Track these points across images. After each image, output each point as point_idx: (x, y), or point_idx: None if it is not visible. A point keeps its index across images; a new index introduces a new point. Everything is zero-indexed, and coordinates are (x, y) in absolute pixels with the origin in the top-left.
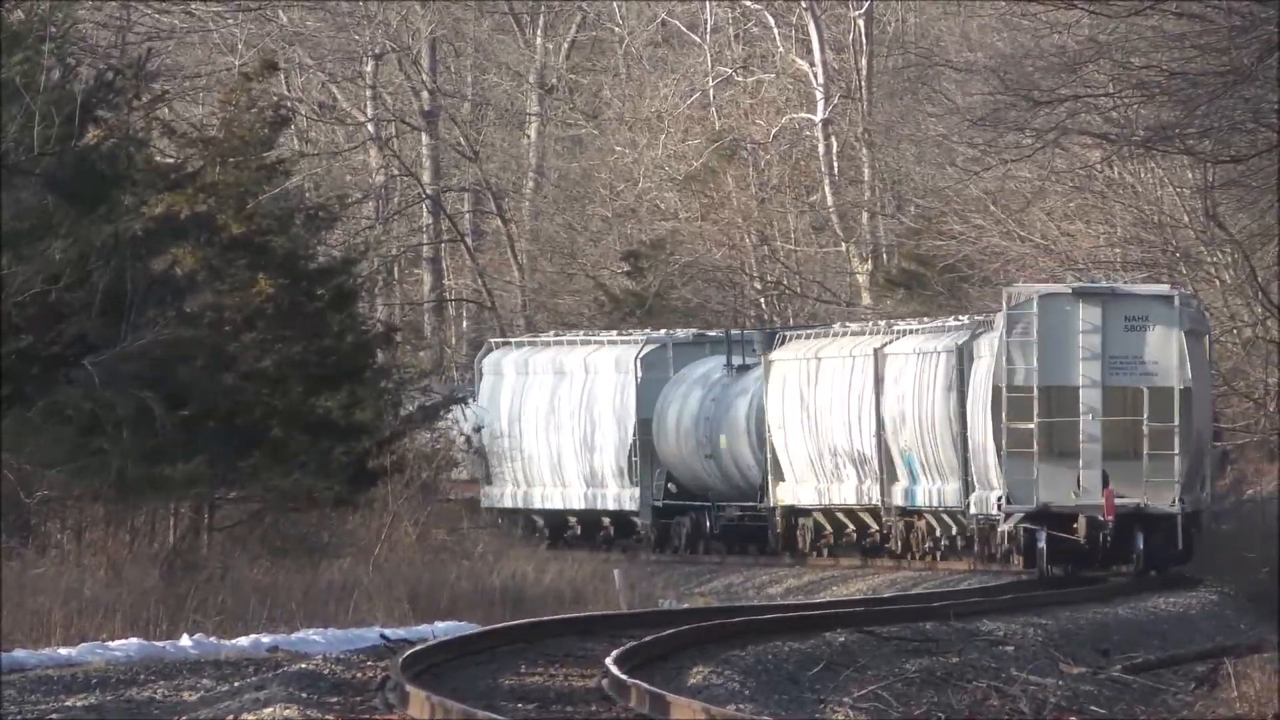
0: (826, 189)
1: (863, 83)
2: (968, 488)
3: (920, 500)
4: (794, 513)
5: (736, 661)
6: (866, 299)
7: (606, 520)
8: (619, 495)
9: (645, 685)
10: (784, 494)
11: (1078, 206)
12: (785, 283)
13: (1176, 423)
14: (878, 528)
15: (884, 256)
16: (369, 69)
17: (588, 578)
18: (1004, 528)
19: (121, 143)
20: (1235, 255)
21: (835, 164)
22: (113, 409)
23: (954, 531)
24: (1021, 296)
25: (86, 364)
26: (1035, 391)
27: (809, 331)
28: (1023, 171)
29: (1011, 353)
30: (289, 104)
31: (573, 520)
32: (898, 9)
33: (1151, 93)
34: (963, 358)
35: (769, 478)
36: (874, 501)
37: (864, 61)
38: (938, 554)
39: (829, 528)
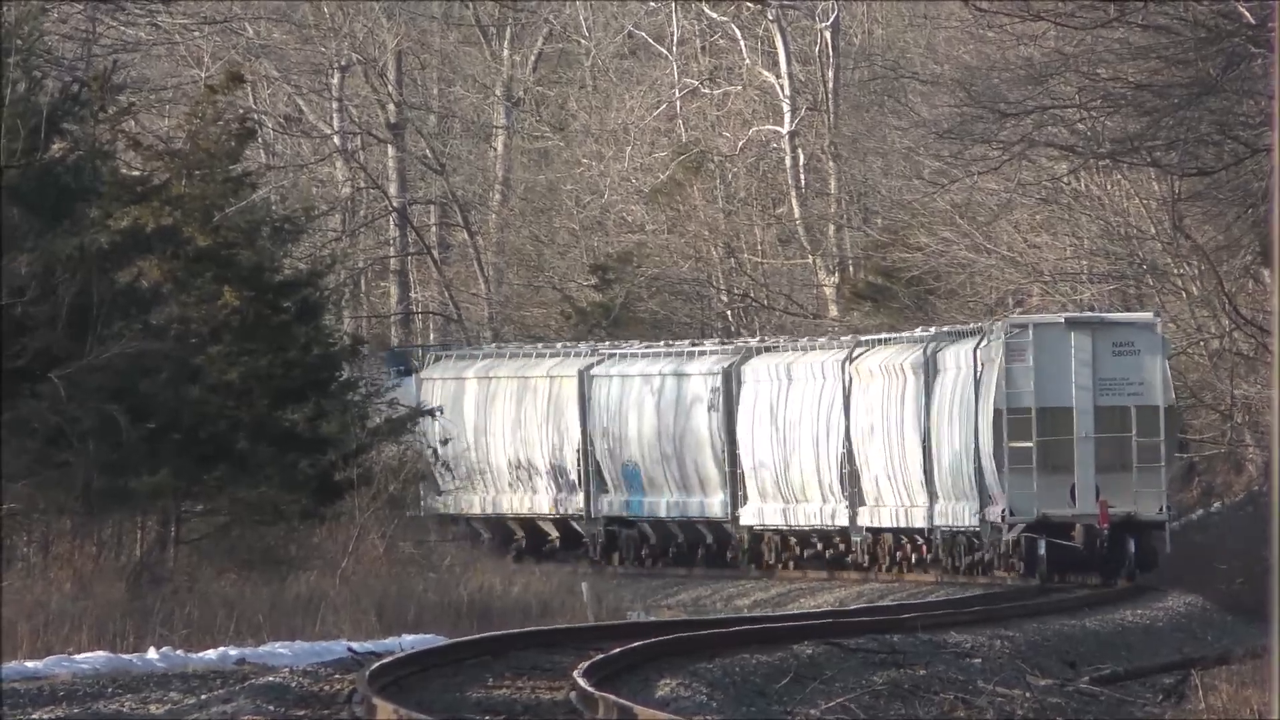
0: (793, 201)
1: (829, 95)
2: (735, 501)
3: (648, 511)
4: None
5: (704, 674)
6: (834, 311)
7: None
8: None
9: (613, 697)
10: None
11: (1044, 219)
12: (752, 295)
13: (1162, 438)
14: (556, 535)
15: (851, 269)
16: (335, 81)
17: (555, 590)
18: (1008, 537)
19: (87, 155)
20: (1202, 267)
21: (802, 176)
22: (78, 422)
23: (679, 539)
24: (1019, 326)
25: (52, 377)
26: (1034, 413)
27: (461, 352)
28: (989, 184)
29: (1012, 378)
30: (255, 117)
31: None
32: (864, 21)
33: (1118, 104)
34: (730, 380)
35: None
36: (571, 510)
37: (830, 74)
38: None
39: (487, 534)
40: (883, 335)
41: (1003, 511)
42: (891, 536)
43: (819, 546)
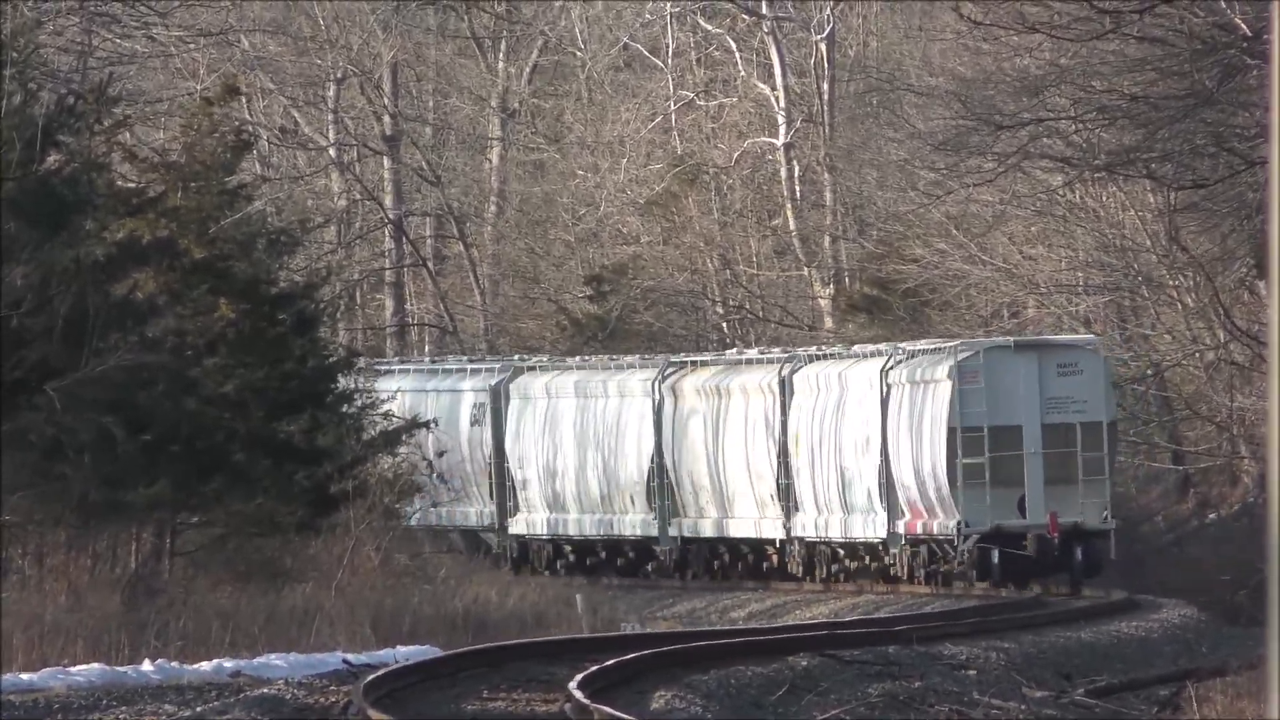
0: (788, 213)
1: (825, 107)
2: (504, 510)
3: (436, 520)
4: None
5: (699, 685)
6: (829, 323)
7: None
8: None
9: (608, 710)
10: None
11: (1040, 230)
12: (747, 307)
13: (1105, 451)
14: None
15: (846, 281)
16: (331, 94)
17: (550, 602)
18: (963, 548)
19: (83, 168)
20: (1197, 278)
21: (797, 188)
22: (74, 434)
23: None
24: (970, 351)
25: (48, 389)
26: (985, 431)
27: None
28: (984, 196)
29: (964, 399)
30: (251, 129)
31: None
32: (860, 33)
33: (1113, 116)
34: (498, 396)
35: None
36: None
37: (826, 86)
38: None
39: None
40: (699, 357)
41: (958, 524)
42: (709, 547)
43: (603, 555)
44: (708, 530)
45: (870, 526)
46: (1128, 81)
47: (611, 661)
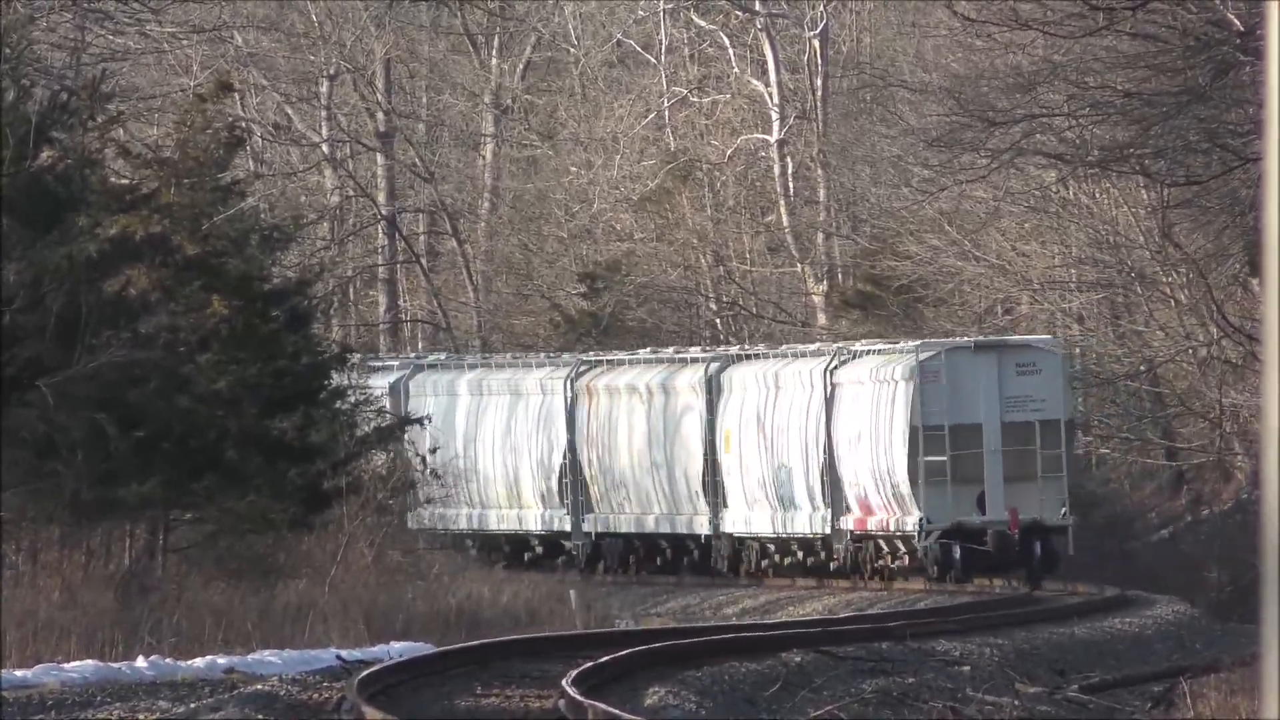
0: (782, 209)
1: (818, 103)
2: (405, 506)
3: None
4: None
5: (693, 682)
6: (822, 319)
7: None
8: None
9: (602, 706)
10: None
11: (1033, 227)
12: (741, 303)
13: (1063, 449)
14: None
15: (839, 277)
16: (324, 90)
17: (543, 598)
18: (924, 544)
19: (76, 164)
20: (1190, 275)
21: (790, 184)
22: (67, 431)
23: None
24: (931, 351)
25: (41, 386)
26: (946, 429)
27: None
28: (978, 192)
29: (926, 398)
30: (244, 125)
31: None
32: (853, 30)
33: (1106, 113)
34: (397, 393)
35: None
36: None
37: (819, 82)
38: None
39: None
40: (613, 356)
41: (920, 520)
42: (624, 542)
43: (507, 549)
44: (625, 526)
45: (810, 523)
46: (1121, 78)
47: (605, 658)
